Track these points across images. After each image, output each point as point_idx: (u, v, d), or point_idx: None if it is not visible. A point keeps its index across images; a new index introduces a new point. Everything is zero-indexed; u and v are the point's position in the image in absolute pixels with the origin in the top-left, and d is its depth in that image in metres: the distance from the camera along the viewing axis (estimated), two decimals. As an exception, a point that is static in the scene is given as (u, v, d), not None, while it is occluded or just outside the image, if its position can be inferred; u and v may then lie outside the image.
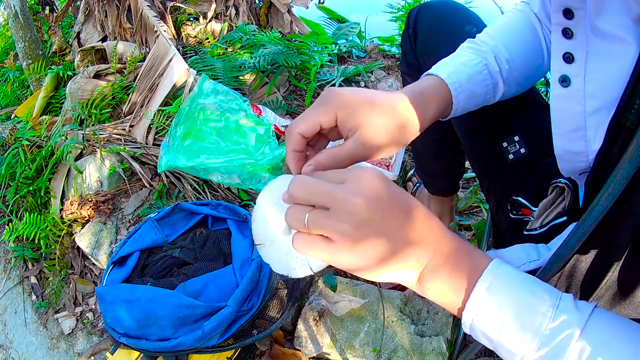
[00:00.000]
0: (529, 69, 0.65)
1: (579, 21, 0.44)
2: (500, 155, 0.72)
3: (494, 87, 0.62)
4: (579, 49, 0.45)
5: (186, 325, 0.86)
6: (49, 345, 1.39)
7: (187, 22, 2.15)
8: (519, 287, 0.40)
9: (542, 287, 0.40)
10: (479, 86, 0.60)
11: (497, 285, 0.40)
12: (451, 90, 0.56)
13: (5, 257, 1.68)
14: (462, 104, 0.59)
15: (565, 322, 0.37)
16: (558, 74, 0.48)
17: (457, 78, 0.57)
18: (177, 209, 1.15)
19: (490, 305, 0.39)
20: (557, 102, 0.49)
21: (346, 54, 2.24)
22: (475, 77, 0.59)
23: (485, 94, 0.62)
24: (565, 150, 0.51)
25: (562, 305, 0.38)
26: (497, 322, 0.39)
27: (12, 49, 2.64)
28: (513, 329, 0.38)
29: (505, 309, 0.39)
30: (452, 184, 1.14)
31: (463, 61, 0.60)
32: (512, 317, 0.38)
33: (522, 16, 0.66)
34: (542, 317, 0.38)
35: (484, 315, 0.39)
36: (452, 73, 0.57)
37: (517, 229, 0.69)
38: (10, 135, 1.76)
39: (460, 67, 0.59)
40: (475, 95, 0.60)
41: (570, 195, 0.59)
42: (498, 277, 0.40)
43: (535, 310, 0.38)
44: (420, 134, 0.59)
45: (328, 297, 1.12)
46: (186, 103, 1.46)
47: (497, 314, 0.39)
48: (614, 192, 0.36)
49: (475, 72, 0.59)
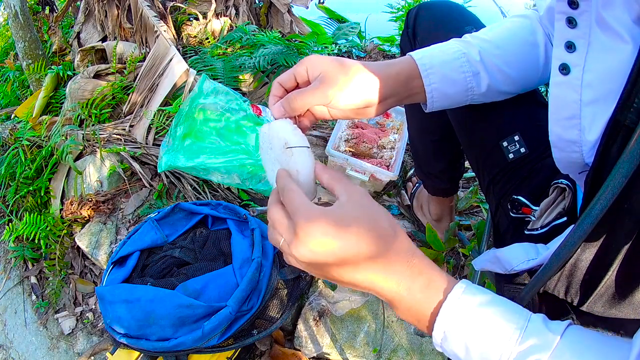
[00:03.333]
0: (523, 66, 0.65)
1: (583, 11, 0.44)
2: (500, 154, 0.72)
3: (475, 76, 0.63)
4: (581, 38, 0.45)
5: (186, 325, 0.86)
6: (49, 345, 1.39)
7: (187, 22, 2.15)
8: (486, 310, 0.40)
9: (510, 308, 0.41)
10: (456, 72, 0.62)
11: (463, 311, 0.41)
12: (420, 70, 0.60)
13: (5, 257, 1.68)
14: (437, 87, 0.61)
15: (533, 346, 0.37)
16: (559, 62, 0.48)
17: (429, 60, 0.60)
18: (177, 209, 1.15)
19: (456, 330, 0.41)
20: (555, 89, 0.50)
21: (346, 54, 2.24)
22: (451, 63, 0.61)
23: (465, 80, 0.63)
24: (559, 138, 0.51)
25: (531, 328, 0.38)
26: (463, 345, 0.40)
27: (12, 49, 2.63)
28: (478, 354, 0.39)
29: (470, 333, 0.40)
30: (451, 184, 1.13)
31: (441, 48, 0.63)
32: (477, 342, 0.39)
33: (522, 20, 0.67)
34: (508, 341, 0.38)
35: (452, 340, 0.41)
36: (425, 56, 0.61)
37: (517, 228, 0.69)
38: (10, 135, 1.76)
39: (435, 51, 0.62)
40: (453, 81, 0.62)
41: (571, 195, 0.59)
42: (463, 302, 0.41)
43: (502, 334, 0.39)
44: (420, 134, 0.63)
45: (328, 297, 1.12)
46: (186, 103, 1.46)
47: (462, 338, 0.40)
48: (613, 191, 0.36)
49: (452, 58, 0.62)
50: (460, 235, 1.30)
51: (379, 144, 1.48)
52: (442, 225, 1.25)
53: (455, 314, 0.41)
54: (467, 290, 0.42)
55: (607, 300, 0.44)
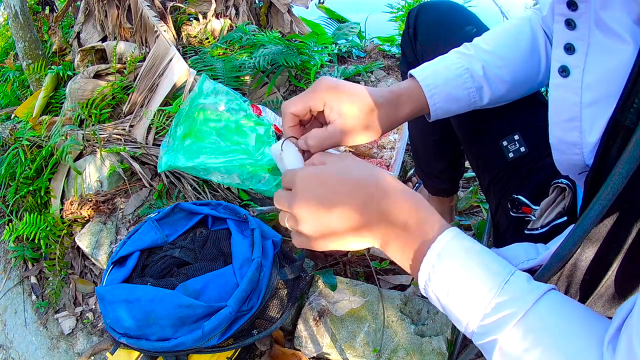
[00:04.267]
0: (524, 74, 0.65)
1: (582, 13, 0.44)
2: (500, 153, 0.72)
3: (478, 91, 0.63)
4: (581, 40, 0.45)
5: (186, 325, 0.86)
6: (49, 345, 1.39)
7: (187, 22, 2.15)
8: (472, 257, 0.41)
9: (496, 261, 0.41)
10: (459, 89, 0.62)
11: (449, 254, 0.41)
12: (425, 92, 0.60)
13: (5, 257, 1.68)
14: (441, 105, 0.62)
15: (510, 300, 0.37)
16: (558, 64, 0.49)
17: (433, 80, 0.61)
18: (177, 209, 1.15)
19: (440, 272, 0.41)
20: (554, 91, 0.50)
21: (346, 54, 2.24)
22: (454, 81, 0.62)
23: (469, 96, 0.63)
24: (559, 140, 0.51)
25: (513, 282, 0.39)
26: (445, 288, 0.41)
27: (12, 49, 2.64)
28: (459, 298, 0.40)
29: (454, 277, 0.40)
30: (451, 184, 1.14)
31: (445, 64, 0.63)
32: (459, 286, 0.40)
33: (524, 23, 0.66)
34: (488, 291, 0.38)
35: (435, 282, 0.41)
36: (429, 76, 0.61)
37: (517, 228, 0.69)
38: (10, 135, 1.76)
39: (439, 69, 0.62)
40: (457, 98, 0.62)
41: (571, 195, 0.59)
42: (450, 246, 0.42)
43: (483, 282, 0.39)
44: (420, 134, 0.66)
45: (328, 297, 1.12)
46: (186, 103, 1.46)
47: (446, 280, 0.41)
48: (613, 191, 0.36)
49: (454, 75, 0.61)
50: (460, 235, 1.30)
51: (379, 144, 1.48)
52: (442, 225, 1.25)
53: (441, 257, 0.41)
54: (458, 237, 0.42)
55: (607, 300, 0.44)
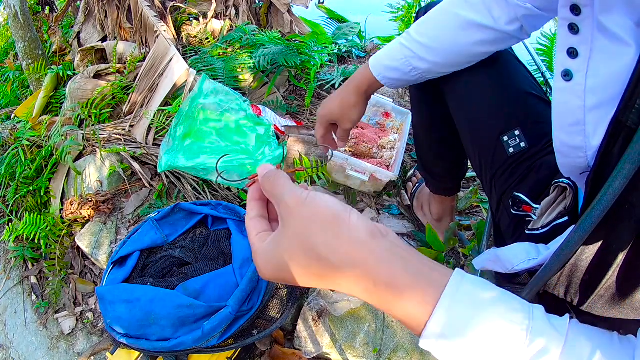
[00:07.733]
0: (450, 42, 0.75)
1: (585, 18, 0.44)
2: (501, 148, 0.73)
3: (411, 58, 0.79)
4: (584, 44, 0.45)
5: (186, 325, 0.86)
6: (49, 345, 1.39)
7: (187, 22, 2.15)
8: (487, 308, 0.34)
9: (511, 304, 0.35)
10: (395, 61, 0.81)
11: (460, 308, 0.34)
12: (372, 71, 0.83)
13: (5, 257, 1.68)
14: (384, 75, 0.83)
15: (544, 349, 0.33)
16: (561, 68, 0.49)
17: (377, 61, 0.84)
18: (177, 209, 1.15)
19: (454, 329, 0.34)
20: (558, 95, 0.50)
21: (346, 54, 2.24)
22: (392, 54, 0.82)
23: (405, 64, 0.80)
24: (563, 144, 0.51)
25: (536, 327, 0.34)
26: (462, 349, 0.34)
27: (12, 49, 2.64)
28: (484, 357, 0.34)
29: (472, 335, 0.33)
30: (454, 183, 1.14)
31: (388, 48, 0.84)
32: (481, 345, 0.33)
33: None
34: (518, 346, 0.33)
35: (446, 346, 0.34)
36: (375, 58, 0.84)
37: (517, 227, 0.69)
38: (10, 135, 1.76)
39: (381, 54, 0.84)
40: (395, 68, 0.82)
41: (572, 195, 0.59)
42: (458, 301, 0.34)
43: (508, 339, 0.33)
44: (424, 133, 1.03)
45: (327, 297, 1.12)
46: (186, 103, 1.46)
47: (461, 340, 0.33)
48: (615, 192, 0.36)
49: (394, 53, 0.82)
50: (460, 235, 1.30)
51: (379, 144, 1.48)
52: (442, 225, 1.25)
53: (453, 312, 0.34)
54: (464, 284, 0.35)
55: (607, 300, 0.44)
